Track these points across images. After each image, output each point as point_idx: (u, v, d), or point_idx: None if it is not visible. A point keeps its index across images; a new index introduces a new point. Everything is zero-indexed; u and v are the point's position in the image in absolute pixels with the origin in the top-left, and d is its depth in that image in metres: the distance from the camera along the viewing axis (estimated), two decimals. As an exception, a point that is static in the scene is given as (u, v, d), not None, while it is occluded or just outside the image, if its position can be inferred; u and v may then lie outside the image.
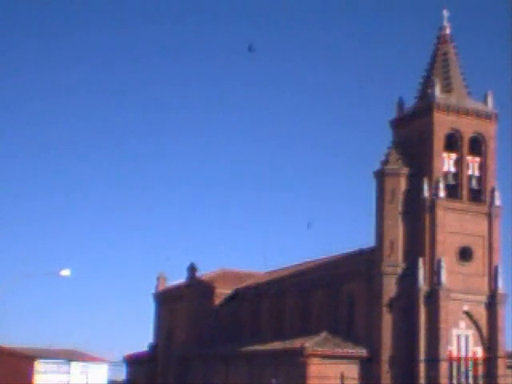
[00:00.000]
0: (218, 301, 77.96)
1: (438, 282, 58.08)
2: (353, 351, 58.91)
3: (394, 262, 59.27)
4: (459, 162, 61.67)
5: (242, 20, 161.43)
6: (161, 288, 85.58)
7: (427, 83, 64.01)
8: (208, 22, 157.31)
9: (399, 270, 59.16)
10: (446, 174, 61.07)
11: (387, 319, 58.40)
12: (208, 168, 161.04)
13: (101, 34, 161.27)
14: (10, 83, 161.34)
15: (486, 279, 60.42)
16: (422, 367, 56.96)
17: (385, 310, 58.48)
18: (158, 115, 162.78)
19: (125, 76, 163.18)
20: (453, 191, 61.13)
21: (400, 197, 60.28)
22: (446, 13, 66.17)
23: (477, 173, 62.20)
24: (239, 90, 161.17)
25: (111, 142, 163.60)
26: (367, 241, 62.76)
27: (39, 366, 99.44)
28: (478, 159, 62.39)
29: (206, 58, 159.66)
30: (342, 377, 57.75)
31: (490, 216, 61.17)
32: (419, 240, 59.35)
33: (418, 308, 58.08)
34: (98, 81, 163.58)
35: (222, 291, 78.71)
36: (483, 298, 59.94)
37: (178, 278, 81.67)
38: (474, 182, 62.02)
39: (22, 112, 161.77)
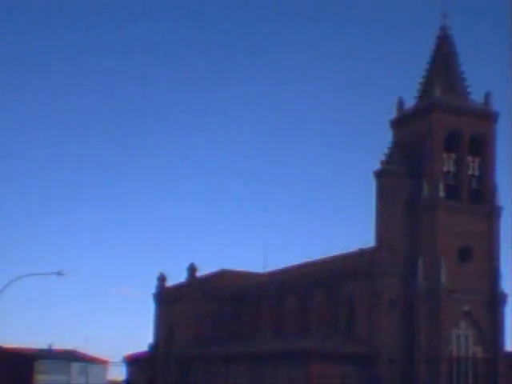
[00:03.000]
0: (218, 301, 77.91)
1: (438, 282, 58.08)
2: (353, 351, 58.90)
3: (394, 262, 59.28)
4: (459, 162, 61.68)
5: (243, 18, 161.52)
6: (161, 288, 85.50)
7: (427, 83, 64.03)
8: (206, 23, 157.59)
9: (399, 270, 59.16)
10: (446, 174, 61.08)
11: (387, 319, 58.40)
12: (209, 169, 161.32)
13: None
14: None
15: (485, 279, 60.41)
16: (422, 367, 56.98)
17: (385, 309, 58.48)
18: (160, 110, 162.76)
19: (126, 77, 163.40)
20: (453, 191, 61.13)
21: (400, 197, 60.28)
22: (446, 13, 66.26)
23: (477, 173, 62.22)
24: (238, 92, 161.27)
25: (111, 141, 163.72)
26: (367, 241, 62.85)
27: (39, 365, 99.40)
28: (477, 159, 62.41)
29: (208, 57, 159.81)
30: (342, 377, 57.74)
31: (490, 216, 61.18)
32: (419, 240, 59.34)
33: (418, 308, 58.08)
34: (98, 80, 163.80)
35: (222, 291, 78.70)
36: (483, 298, 59.94)
37: (178, 278, 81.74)
38: (474, 182, 62.04)
39: (21, 112, 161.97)
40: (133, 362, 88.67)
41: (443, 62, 64.98)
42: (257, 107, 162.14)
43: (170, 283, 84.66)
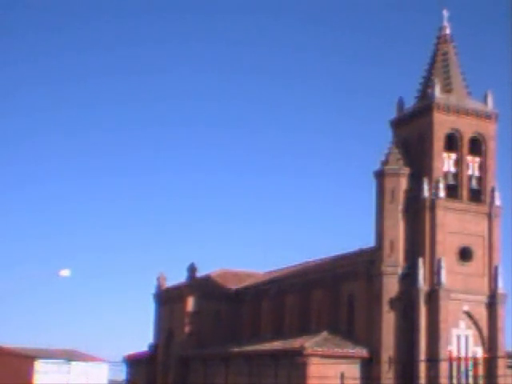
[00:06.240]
0: (217, 301, 77.90)
1: (438, 282, 58.07)
2: (353, 351, 58.89)
3: (394, 262, 59.27)
4: (459, 162, 61.65)
5: (244, 12, 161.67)
6: (161, 288, 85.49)
7: (427, 83, 64.02)
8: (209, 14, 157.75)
9: (399, 270, 59.15)
10: (445, 174, 61.06)
11: (387, 319, 58.39)
12: (209, 168, 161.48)
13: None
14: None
15: (485, 279, 60.39)
16: (422, 367, 56.93)
17: (385, 309, 58.49)
18: (162, 108, 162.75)
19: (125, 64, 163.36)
20: (453, 191, 61.12)
21: (400, 197, 60.29)
22: (445, 13, 66.19)
23: (477, 173, 62.18)
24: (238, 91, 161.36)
25: (112, 139, 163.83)
26: (367, 241, 62.87)
27: (39, 365, 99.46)
28: (477, 159, 62.38)
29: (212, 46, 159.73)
30: (342, 377, 57.77)
31: (490, 216, 61.14)
32: (419, 240, 59.33)
33: (418, 308, 58.05)
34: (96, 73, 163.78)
35: (222, 291, 78.71)
36: (483, 298, 59.91)
37: (178, 278, 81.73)
38: (474, 182, 62.01)
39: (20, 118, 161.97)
40: (133, 362, 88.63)
41: (443, 62, 64.94)
42: (256, 107, 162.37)
43: (169, 283, 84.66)
